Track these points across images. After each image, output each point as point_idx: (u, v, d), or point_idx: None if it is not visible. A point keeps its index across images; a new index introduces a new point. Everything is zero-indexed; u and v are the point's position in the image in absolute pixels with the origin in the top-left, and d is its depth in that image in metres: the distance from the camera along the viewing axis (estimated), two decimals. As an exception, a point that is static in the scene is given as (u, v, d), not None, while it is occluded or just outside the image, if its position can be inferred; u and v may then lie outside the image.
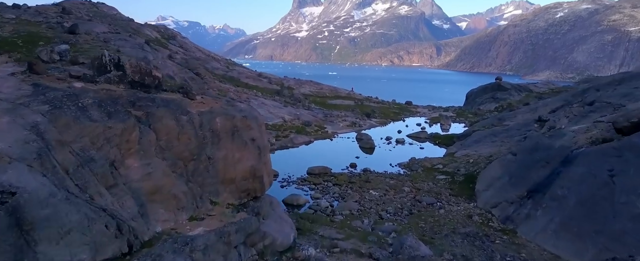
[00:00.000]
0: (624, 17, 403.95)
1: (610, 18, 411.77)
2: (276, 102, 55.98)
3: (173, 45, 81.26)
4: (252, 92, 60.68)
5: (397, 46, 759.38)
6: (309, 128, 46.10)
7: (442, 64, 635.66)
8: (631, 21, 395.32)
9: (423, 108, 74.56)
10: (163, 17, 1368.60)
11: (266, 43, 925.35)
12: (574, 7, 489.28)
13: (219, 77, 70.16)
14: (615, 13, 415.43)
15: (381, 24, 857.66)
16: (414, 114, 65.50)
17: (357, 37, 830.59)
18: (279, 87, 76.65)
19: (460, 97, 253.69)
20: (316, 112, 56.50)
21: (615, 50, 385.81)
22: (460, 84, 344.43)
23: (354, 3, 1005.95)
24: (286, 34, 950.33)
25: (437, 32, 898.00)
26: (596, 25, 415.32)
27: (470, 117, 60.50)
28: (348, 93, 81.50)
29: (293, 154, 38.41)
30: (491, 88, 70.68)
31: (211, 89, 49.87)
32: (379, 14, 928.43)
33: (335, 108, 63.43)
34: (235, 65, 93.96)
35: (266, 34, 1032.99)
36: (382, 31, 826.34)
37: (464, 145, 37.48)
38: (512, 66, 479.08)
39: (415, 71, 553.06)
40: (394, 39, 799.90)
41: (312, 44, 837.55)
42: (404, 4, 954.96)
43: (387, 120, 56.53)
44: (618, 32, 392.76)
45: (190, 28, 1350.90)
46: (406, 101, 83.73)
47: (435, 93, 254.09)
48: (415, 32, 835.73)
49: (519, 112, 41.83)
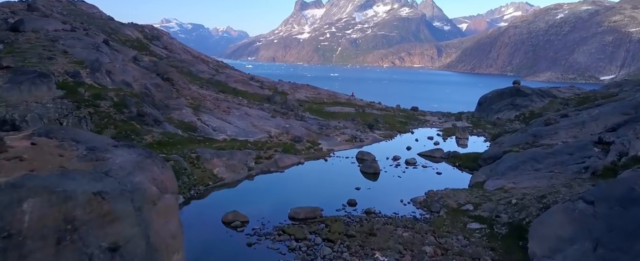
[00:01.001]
0: (625, 18, 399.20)
1: (610, 19, 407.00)
2: (264, 111, 46.93)
3: (156, 46, 72.43)
4: (237, 99, 51.69)
5: (398, 47, 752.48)
6: (299, 146, 37.06)
7: (443, 65, 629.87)
8: (632, 22, 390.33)
9: (432, 115, 65.35)
10: (167, 20, 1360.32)
11: (269, 45, 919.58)
12: (574, 9, 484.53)
13: (203, 82, 61.24)
14: (615, 14, 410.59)
15: (382, 25, 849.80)
16: (422, 123, 56.35)
17: (359, 39, 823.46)
18: (272, 92, 67.63)
19: (465, 98, 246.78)
20: (310, 122, 47.43)
21: (616, 51, 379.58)
22: (462, 85, 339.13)
23: (356, 5, 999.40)
24: (288, 35, 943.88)
25: (437, 33, 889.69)
26: (597, 26, 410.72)
27: (489, 127, 51.32)
28: (348, 98, 72.39)
29: (275, 183, 29.38)
30: (509, 93, 61.45)
31: (183, 97, 40.93)
32: (380, 16, 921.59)
33: (333, 117, 54.36)
34: (226, 68, 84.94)
35: (269, 36, 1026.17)
36: (383, 33, 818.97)
37: (496, 173, 28.35)
38: (512, 67, 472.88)
39: (417, 72, 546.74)
40: (395, 40, 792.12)
41: (314, 46, 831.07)
42: (405, 5, 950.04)
43: (392, 133, 47.36)
44: (619, 33, 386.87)
45: (194, 30, 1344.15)
46: (412, 107, 74.58)
47: (438, 94, 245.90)
48: (416, 34, 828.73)
49: (560, 127, 32.70)
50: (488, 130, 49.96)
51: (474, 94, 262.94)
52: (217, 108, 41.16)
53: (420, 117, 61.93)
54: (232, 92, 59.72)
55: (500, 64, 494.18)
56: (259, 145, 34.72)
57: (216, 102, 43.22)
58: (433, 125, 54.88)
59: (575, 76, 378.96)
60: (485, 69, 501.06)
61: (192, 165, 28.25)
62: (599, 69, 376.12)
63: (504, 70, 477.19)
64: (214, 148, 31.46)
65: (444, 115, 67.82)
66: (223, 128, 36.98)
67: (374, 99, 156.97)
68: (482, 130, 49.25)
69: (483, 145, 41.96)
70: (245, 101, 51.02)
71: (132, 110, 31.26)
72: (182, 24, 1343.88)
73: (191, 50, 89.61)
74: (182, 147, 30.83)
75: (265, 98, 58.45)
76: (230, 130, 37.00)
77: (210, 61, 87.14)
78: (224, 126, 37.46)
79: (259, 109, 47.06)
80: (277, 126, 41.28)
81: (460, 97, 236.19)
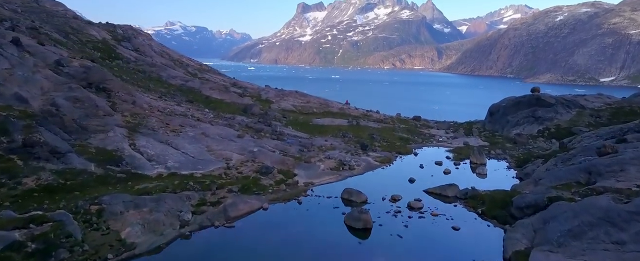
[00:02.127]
0: (625, 20, 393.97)
1: (610, 21, 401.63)
2: (231, 128, 36.67)
3: (125, 47, 62.36)
4: (202, 111, 41.50)
5: (399, 49, 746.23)
6: (266, 180, 26.89)
7: (444, 66, 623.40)
8: (631, 24, 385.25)
9: (437, 129, 55.04)
10: (171, 23, 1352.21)
11: (271, 47, 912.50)
12: (574, 11, 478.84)
13: (171, 89, 51.21)
14: (615, 16, 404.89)
15: (383, 28, 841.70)
16: (427, 140, 46.01)
17: (360, 41, 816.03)
18: (254, 100, 57.47)
19: (465, 100, 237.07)
20: (289, 141, 37.22)
21: (616, 53, 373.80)
22: (462, 87, 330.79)
23: (357, 8, 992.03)
24: (290, 38, 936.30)
25: (438, 35, 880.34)
26: (596, 28, 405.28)
27: (509, 147, 40.93)
28: (341, 108, 62.02)
29: (217, 250, 19.24)
30: (527, 102, 51.00)
31: (119, 114, 30.78)
32: (381, 19, 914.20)
33: (321, 132, 44.18)
34: (208, 72, 74.80)
35: (271, 38, 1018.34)
36: (384, 35, 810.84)
37: (546, 239, 18.08)
38: (512, 69, 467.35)
39: (417, 74, 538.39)
40: (396, 42, 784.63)
41: (316, 48, 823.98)
42: (406, 8, 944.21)
43: (391, 154, 36.99)
44: (618, 35, 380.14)
45: (198, 33, 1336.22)
46: (414, 116, 64.41)
47: (438, 97, 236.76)
48: (417, 36, 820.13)
49: (626, 161, 22.40)
50: (508, 150, 39.60)
51: (475, 96, 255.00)
52: (164, 127, 31.08)
53: (423, 131, 51.61)
54: (204, 101, 49.63)
55: (500, 66, 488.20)
56: (207, 183, 24.53)
57: (166, 118, 33.06)
58: (440, 143, 44.50)
59: (575, 78, 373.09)
60: (485, 71, 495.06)
61: (87, 226, 18.18)
62: (599, 71, 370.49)
63: (504, 72, 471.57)
64: (134, 193, 21.30)
65: (450, 127, 57.62)
66: (164, 156, 26.86)
67: (374, 101, 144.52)
68: (501, 151, 38.83)
69: (507, 176, 31.69)
70: (212, 114, 40.72)
71: (15, 139, 21.35)
72: (186, 27, 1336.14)
73: (171, 53, 79.52)
74: (83, 193, 20.74)
75: (243, 109, 48.26)
76: (173, 159, 26.88)
77: (192, 64, 77.03)
78: (167, 153, 27.35)
79: (225, 125, 36.80)
80: (242, 150, 31.07)
81: (461, 99, 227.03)
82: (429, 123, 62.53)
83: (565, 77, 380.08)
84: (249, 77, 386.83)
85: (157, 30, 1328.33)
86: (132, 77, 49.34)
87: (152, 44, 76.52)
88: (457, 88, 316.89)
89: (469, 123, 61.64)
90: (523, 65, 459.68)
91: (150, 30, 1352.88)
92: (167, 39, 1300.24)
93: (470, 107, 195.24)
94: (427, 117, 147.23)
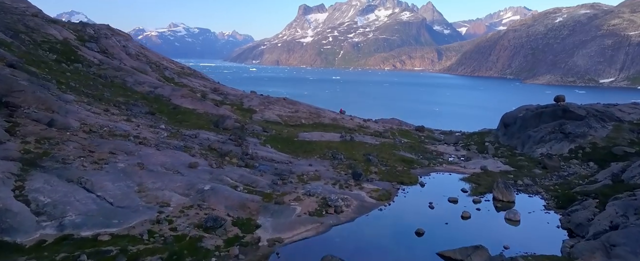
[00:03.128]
0: (624, 22, 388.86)
1: (609, 23, 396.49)
2: (186, 153, 27.83)
3: (89, 49, 53.64)
4: (156, 129, 32.67)
5: (399, 51, 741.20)
6: (211, 239, 18.12)
7: (443, 68, 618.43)
8: (631, 25, 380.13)
9: (446, 144, 46.19)
10: (175, 24, 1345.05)
11: (273, 48, 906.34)
12: (573, 12, 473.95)
13: (136, 97, 42.49)
14: (614, 18, 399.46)
15: (384, 29, 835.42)
16: (435, 160, 37.00)
17: (361, 42, 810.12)
18: (234, 108, 48.75)
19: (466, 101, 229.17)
20: (263, 168, 28.41)
21: (615, 55, 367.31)
22: (462, 88, 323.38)
23: (358, 9, 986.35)
24: (292, 39, 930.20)
25: (438, 37, 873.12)
26: (596, 29, 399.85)
27: (539, 173, 32.00)
28: (334, 118, 53.06)
29: None
30: (552, 114, 42.04)
31: (16, 140, 22.01)
32: (381, 20, 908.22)
33: (306, 152, 35.39)
34: (189, 76, 66.05)
35: (273, 39, 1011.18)
36: (384, 36, 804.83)
37: None
38: (512, 70, 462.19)
39: (417, 75, 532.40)
40: (396, 43, 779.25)
41: (317, 49, 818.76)
42: (406, 10, 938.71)
43: (391, 185, 28.06)
44: (618, 37, 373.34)
45: (201, 34, 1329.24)
46: (417, 126, 55.65)
47: (439, 98, 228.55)
48: (417, 37, 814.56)
49: None
50: (538, 178, 30.68)
51: (475, 97, 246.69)
52: (84, 157, 22.37)
53: (429, 147, 42.65)
54: (170, 112, 40.86)
55: (499, 67, 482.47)
56: (115, 253, 15.78)
57: (93, 143, 24.27)
58: (451, 166, 35.49)
59: (574, 79, 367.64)
60: (485, 72, 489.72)
61: None
62: (599, 72, 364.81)
63: (504, 73, 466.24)
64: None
65: (459, 140, 48.84)
66: (63, 206, 18.12)
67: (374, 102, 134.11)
68: (530, 181, 29.67)
69: (550, 224, 22.71)
70: (166, 133, 31.83)
71: None
72: (189, 29, 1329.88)
73: (150, 54, 70.75)
74: None
75: (214, 122, 39.42)
76: (77, 210, 18.12)
77: (172, 67, 68.27)
78: (70, 200, 18.62)
79: (177, 149, 27.95)
80: (188, 189, 22.29)
81: (462, 101, 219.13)
82: (434, 134, 53.75)
83: (565, 78, 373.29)
84: (250, 78, 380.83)
85: (161, 31, 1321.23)
86: (84, 84, 40.66)
87: (129, 45, 67.77)
88: (457, 90, 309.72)
89: (479, 134, 52.87)
90: (522, 67, 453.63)
91: (154, 32, 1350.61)
92: (170, 41, 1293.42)
93: (471, 109, 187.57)
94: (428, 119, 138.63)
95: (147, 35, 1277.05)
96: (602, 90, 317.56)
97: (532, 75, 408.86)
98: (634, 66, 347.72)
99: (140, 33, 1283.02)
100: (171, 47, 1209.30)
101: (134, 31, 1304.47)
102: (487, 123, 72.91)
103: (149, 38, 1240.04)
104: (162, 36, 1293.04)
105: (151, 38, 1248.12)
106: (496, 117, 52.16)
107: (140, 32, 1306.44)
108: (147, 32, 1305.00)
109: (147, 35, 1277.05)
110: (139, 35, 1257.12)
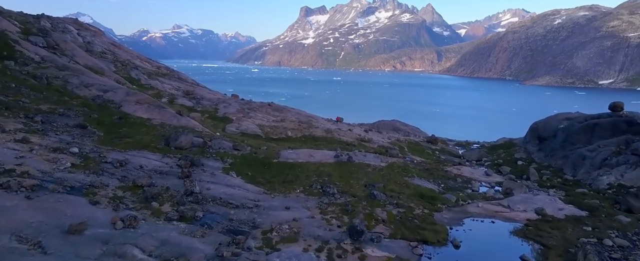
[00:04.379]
0: (623, 24, 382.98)
1: (608, 24, 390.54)
2: (77, 196, 16.97)
3: (33, 43, 42.79)
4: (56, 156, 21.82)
5: (399, 52, 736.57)
6: None
7: (443, 69, 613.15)
8: (630, 27, 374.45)
9: (469, 163, 35.35)
10: (178, 26, 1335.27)
11: (275, 49, 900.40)
12: (572, 14, 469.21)
13: (75, 102, 31.97)
14: (613, 19, 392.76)
15: (384, 31, 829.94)
16: (461, 190, 26.30)
17: (361, 44, 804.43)
18: (204, 118, 37.75)
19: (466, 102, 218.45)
20: (208, 220, 17.63)
21: (614, 56, 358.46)
22: (463, 89, 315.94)
23: (358, 11, 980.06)
24: (293, 40, 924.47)
25: (437, 38, 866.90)
26: (595, 31, 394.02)
27: (627, 222, 20.98)
28: (329, 129, 42.20)
29: None
30: (611, 126, 31.39)
31: None
32: (382, 22, 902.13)
33: (286, 183, 24.37)
34: (163, 76, 55.51)
35: (275, 41, 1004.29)
36: (385, 38, 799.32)
37: None
38: (511, 71, 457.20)
39: (417, 76, 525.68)
40: (397, 45, 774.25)
41: (318, 50, 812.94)
42: (406, 12, 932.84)
43: (409, 248, 17.26)
44: (617, 38, 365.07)
45: (204, 36, 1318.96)
46: (429, 138, 45.13)
47: (439, 98, 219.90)
48: (417, 39, 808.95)
49: None
50: (628, 230, 19.73)
51: (476, 98, 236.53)
52: None
53: (450, 169, 31.84)
54: (111, 125, 30.32)
55: (499, 68, 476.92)
56: None
57: None
58: (491, 208, 23.89)
59: (574, 80, 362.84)
60: (484, 73, 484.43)
61: None
62: (598, 73, 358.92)
63: (503, 74, 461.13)
64: None
65: (482, 155, 38.01)
66: None
67: (374, 103, 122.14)
68: (625, 241, 18.49)
69: None
70: (75, 161, 20.90)
71: None
72: (193, 30, 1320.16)
73: (122, 52, 61.06)
74: None
75: (166, 139, 28.43)
76: None
77: (145, 67, 58.05)
78: None
79: (66, 193, 17.04)
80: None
81: (462, 102, 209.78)
82: (448, 146, 42.98)
83: (564, 80, 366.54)
84: (252, 79, 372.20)
85: (165, 33, 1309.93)
86: (1, 87, 29.88)
87: (95, 41, 57.93)
88: (457, 91, 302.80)
89: (503, 147, 42.14)
90: (522, 68, 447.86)
91: (158, 33, 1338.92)
92: (174, 42, 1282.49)
93: (472, 110, 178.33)
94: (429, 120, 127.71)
95: (152, 36, 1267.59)
96: (602, 92, 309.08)
97: (531, 76, 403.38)
98: (633, 67, 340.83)
99: (144, 34, 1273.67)
100: (175, 48, 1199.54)
101: (139, 32, 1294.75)
102: (491, 125, 62.87)
103: (153, 39, 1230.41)
104: (165, 37, 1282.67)
105: (155, 39, 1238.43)
106: (498, 118, 42.03)
107: (145, 33, 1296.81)
108: (152, 34, 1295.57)
109: (152, 36, 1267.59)
110: (143, 36, 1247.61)
